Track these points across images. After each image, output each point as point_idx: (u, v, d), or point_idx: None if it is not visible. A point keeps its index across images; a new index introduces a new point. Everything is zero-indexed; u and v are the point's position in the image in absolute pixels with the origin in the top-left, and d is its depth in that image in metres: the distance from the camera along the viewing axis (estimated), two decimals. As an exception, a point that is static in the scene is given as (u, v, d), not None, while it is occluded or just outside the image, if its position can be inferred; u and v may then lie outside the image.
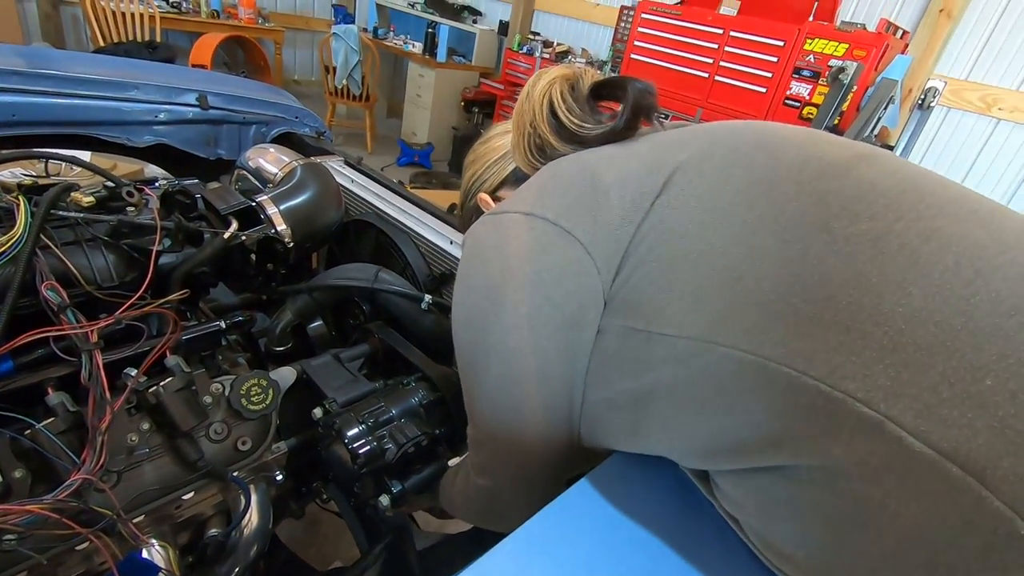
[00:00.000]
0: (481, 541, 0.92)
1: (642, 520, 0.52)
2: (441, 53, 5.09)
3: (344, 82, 4.83)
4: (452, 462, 0.87)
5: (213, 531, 0.89)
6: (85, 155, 1.80)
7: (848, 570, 0.42)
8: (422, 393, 0.92)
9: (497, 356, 0.59)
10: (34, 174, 1.01)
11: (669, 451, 0.56)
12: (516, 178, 0.77)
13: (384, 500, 0.82)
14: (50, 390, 0.72)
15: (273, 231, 1.06)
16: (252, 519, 0.90)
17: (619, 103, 0.66)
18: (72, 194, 0.87)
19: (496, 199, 0.79)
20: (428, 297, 1.04)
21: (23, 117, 1.44)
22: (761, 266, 0.46)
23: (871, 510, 0.39)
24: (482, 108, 5.32)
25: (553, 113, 0.68)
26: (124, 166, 2.77)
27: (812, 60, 2.96)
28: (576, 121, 0.67)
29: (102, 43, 4.17)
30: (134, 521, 0.78)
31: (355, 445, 0.81)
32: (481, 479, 0.68)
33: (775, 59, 3.10)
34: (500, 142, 0.80)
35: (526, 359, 0.57)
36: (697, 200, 0.52)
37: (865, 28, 2.89)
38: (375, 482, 0.85)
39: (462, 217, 0.88)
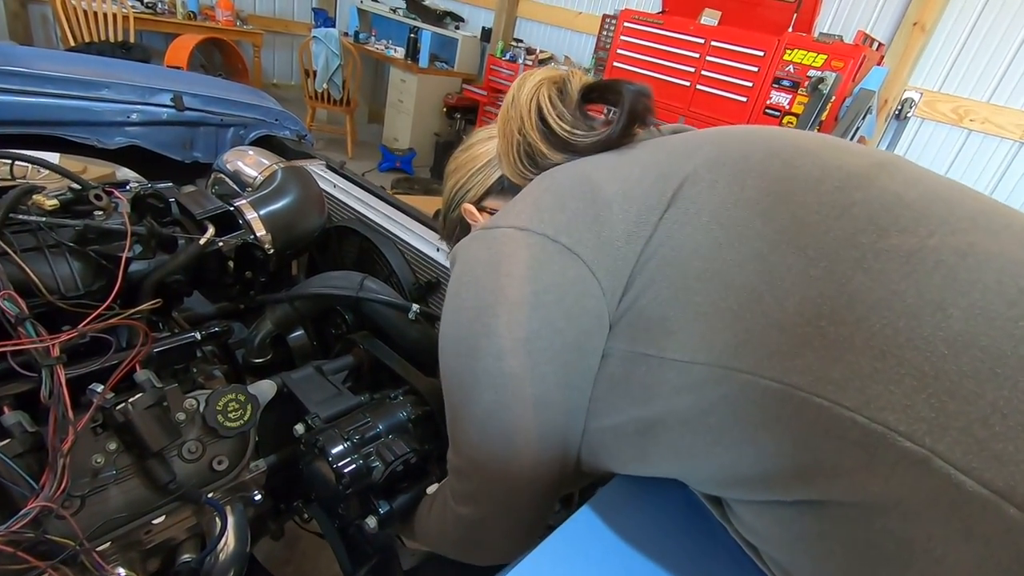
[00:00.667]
0: (466, 565, 0.88)
1: (651, 548, 0.49)
2: (423, 59, 5.06)
3: (325, 86, 4.77)
4: (430, 489, 0.82)
5: (186, 556, 0.83)
6: (53, 157, 1.72)
7: None
8: (410, 407, 0.87)
9: (489, 382, 0.54)
10: (-5, 176, 0.95)
11: (681, 476, 0.53)
12: (503, 187, 0.74)
13: (371, 522, 0.77)
14: (6, 409, 0.67)
15: (252, 237, 1.01)
16: (228, 543, 0.85)
17: (610, 107, 0.63)
18: (34, 197, 0.81)
19: (482, 209, 0.75)
20: (415, 307, 1.00)
21: (-16, 116, 1.36)
22: (783, 285, 0.43)
23: (914, 552, 0.36)
24: (464, 114, 5.29)
25: (543, 119, 0.64)
26: (95, 169, 2.67)
27: (791, 70, 3.01)
28: (567, 128, 0.64)
29: (73, 43, 4.04)
30: (99, 549, 0.72)
31: (340, 464, 0.76)
32: (463, 508, 0.63)
33: (755, 68, 3.14)
34: (483, 149, 0.76)
35: (521, 386, 0.53)
36: (709, 214, 0.49)
37: (842, 40, 2.93)
38: (361, 502, 0.80)
39: (445, 228, 0.84)
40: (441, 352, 0.60)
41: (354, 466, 0.77)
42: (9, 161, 0.87)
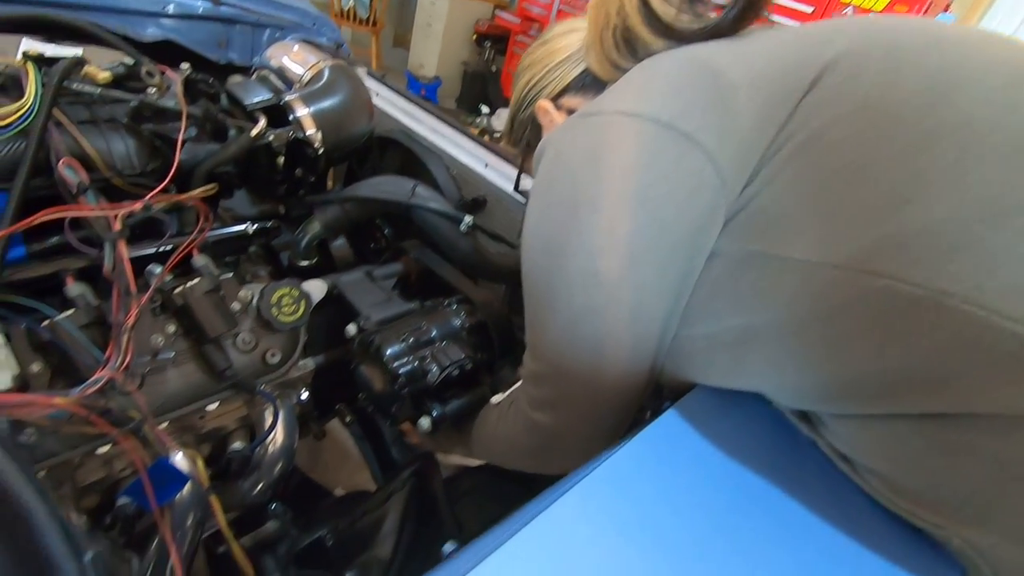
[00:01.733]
0: (503, 475, 0.88)
1: (738, 455, 0.48)
2: (455, -20, 4.79)
3: (351, 3, 4.55)
4: (495, 399, 0.80)
5: (237, 445, 0.84)
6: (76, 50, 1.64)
7: (1014, 528, 0.38)
8: (464, 316, 0.86)
9: (581, 285, 0.51)
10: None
11: (772, 389, 0.51)
12: (583, 84, 0.69)
13: (424, 422, 0.77)
14: (70, 280, 0.65)
15: (302, 134, 0.97)
16: (277, 436, 0.86)
17: None
18: (86, 68, 0.77)
19: (559, 108, 0.70)
20: (469, 218, 0.97)
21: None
22: (940, 185, 0.39)
23: None
24: (495, 43, 5.06)
25: (644, 1, 0.59)
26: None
27: (850, 14, 2.82)
28: (672, 11, 0.58)
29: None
30: (159, 428, 0.73)
31: (396, 364, 0.75)
32: (539, 414, 0.61)
33: (811, 10, 2.94)
34: (563, 42, 0.70)
35: (618, 290, 0.50)
36: (853, 105, 0.44)
37: (911, -18, 2.73)
38: (413, 404, 0.80)
39: (512, 133, 0.79)
40: (525, 249, 0.56)
41: (409, 367, 0.76)
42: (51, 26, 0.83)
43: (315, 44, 1.71)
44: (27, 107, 0.67)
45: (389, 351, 0.77)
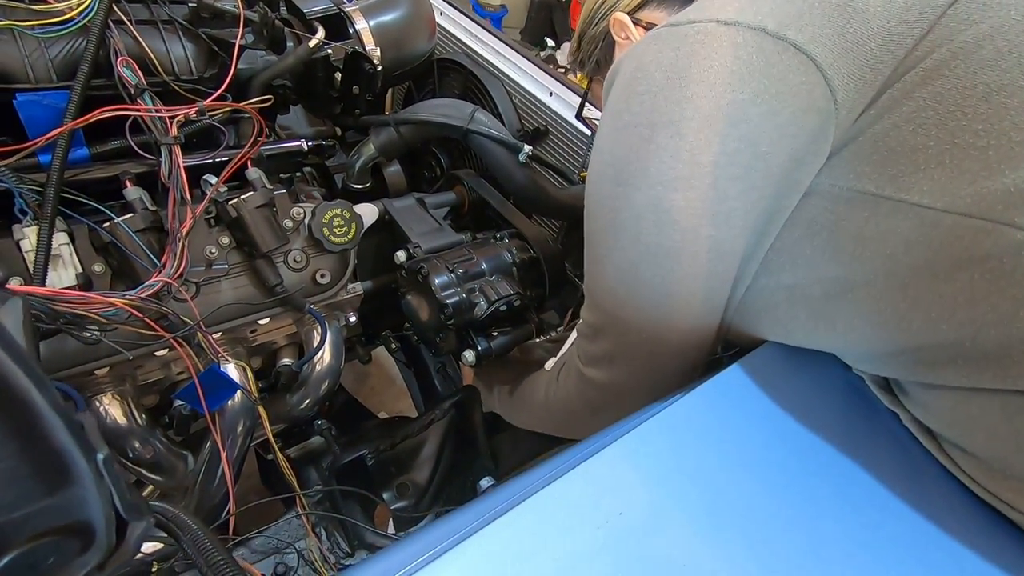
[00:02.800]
0: None
1: (807, 420, 0.43)
2: None
3: (419, -81, 4.33)
4: (549, 364, 0.74)
5: (286, 361, 0.86)
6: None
7: None
8: (515, 251, 0.82)
9: (652, 221, 0.45)
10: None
11: (858, 352, 0.45)
12: None
13: (469, 355, 0.76)
14: (128, 183, 0.66)
15: (362, 48, 0.92)
16: (325, 355, 0.87)
17: None
18: (145, -35, 0.74)
19: (637, 22, 0.62)
20: (528, 148, 0.91)
21: None
22: None
23: None
24: (566, -30, 4.74)
25: None
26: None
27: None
28: None
29: None
30: (212, 337, 0.74)
31: (444, 294, 0.73)
32: (595, 370, 0.57)
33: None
34: None
35: (694, 229, 0.44)
36: (1021, 14, 0.36)
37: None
38: (459, 336, 0.79)
39: (582, 51, 0.71)
40: (591, 178, 0.51)
41: (457, 299, 0.74)
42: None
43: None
44: (88, 3, 0.65)
45: (437, 281, 0.75)
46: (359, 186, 1.01)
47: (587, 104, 0.82)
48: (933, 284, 0.37)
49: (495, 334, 0.79)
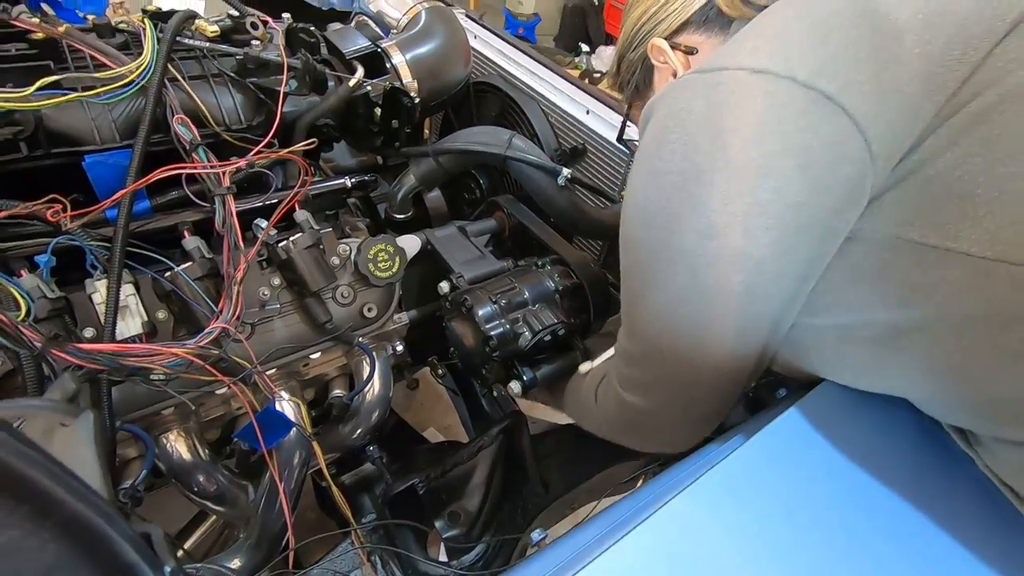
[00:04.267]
0: (589, 436, 0.86)
1: (875, 467, 0.41)
2: (559, -97, 4.46)
3: (450, -63, 4.40)
4: (583, 367, 0.77)
5: (337, 392, 0.89)
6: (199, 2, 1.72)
7: None
8: (558, 278, 0.82)
9: (686, 263, 0.45)
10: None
11: (919, 398, 0.43)
12: (707, 18, 0.59)
13: (515, 387, 0.76)
14: (187, 233, 0.69)
15: (399, 82, 0.94)
16: (374, 385, 0.89)
17: None
18: (196, 22, 0.78)
19: (675, 47, 0.61)
20: (566, 171, 0.91)
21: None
22: None
23: None
24: (598, -27, 4.72)
25: None
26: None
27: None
28: None
29: None
30: (267, 374, 0.77)
31: (488, 326, 0.74)
32: (631, 395, 0.58)
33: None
34: None
35: (727, 272, 0.44)
36: None
37: None
38: (504, 366, 0.79)
39: (619, 75, 0.70)
40: (626, 220, 0.51)
41: (501, 330, 0.74)
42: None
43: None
44: (145, 65, 0.69)
45: (481, 312, 0.75)
46: (401, 216, 1.03)
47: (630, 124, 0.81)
48: (989, 335, 0.35)
49: (540, 363, 0.79)
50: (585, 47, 4.53)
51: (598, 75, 3.56)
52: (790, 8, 0.44)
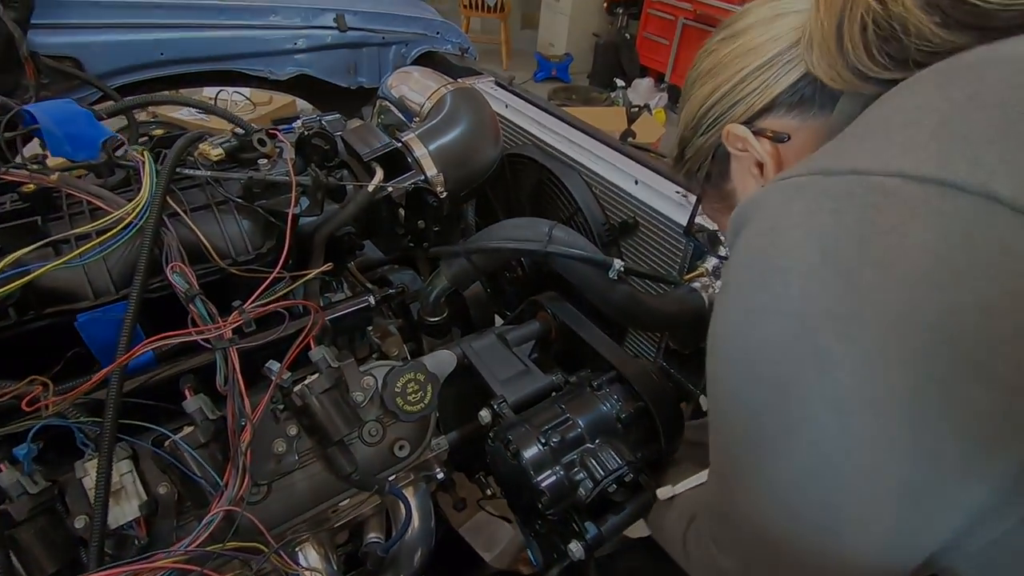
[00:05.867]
0: (664, 555, 0.71)
1: None
2: (583, -54, 4.49)
3: (479, -9, 4.49)
4: (662, 492, 0.65)
5: (373, 537, 0.77)
6: (244, 91, 1.70)
7: None
8: (617, 401, 0.68)
9: (807, 438, 0.33)
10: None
11: None
12: (802, 96, 0.46)
13: (575, 548, 0.62)
14: (188, 392, 0.61)
15: (422, 178, 0.85)
16: (414, 524, 0.77)
17: None
18: (200, 146, 0.72)
19: (759, 133, 0.48)
20: (618, 263, 0.78)
21: (170, 55, 1.37)
22: None
23: None
24: (627, 8, 4.68)
25: None
26: (278, 99, 2.78)
27: None
28: None
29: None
30: (289, 527, 0.67)
31: (539, 477, 0.61)
32: (727, 562, 0.47)
33: None
34: (764, 35, 0.47)
35: (867, 451, 0.31)
36: None
37: None
38: (562, 519, 0.65)
39: (687, 162, 0.57)
40: (717, 369, 0.39)
41: (554, 479, 0.61)
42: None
43: (442, 54, 1.62)
44: (142, 205, 0.62)
45: (528, 455, 0.63)
46: (434, 319, 0.93)
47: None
48: None
49: (606, 512, 0.65)
50: (620, 82, 4.45)
51: (634, 108, 3.45)
52: (953, 86, 0.31)
